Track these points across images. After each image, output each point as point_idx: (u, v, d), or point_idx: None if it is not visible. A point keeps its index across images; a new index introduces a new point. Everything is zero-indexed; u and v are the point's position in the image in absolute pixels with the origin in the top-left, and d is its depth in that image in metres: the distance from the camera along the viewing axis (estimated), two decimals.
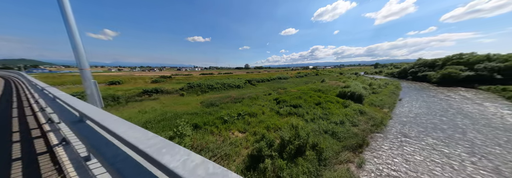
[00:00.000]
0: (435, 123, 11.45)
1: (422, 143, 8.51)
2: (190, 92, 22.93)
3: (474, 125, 10.88)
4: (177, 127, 6.35)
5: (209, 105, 14.76)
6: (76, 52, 2.23)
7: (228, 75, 46.55)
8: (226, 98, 17.26)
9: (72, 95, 2.96)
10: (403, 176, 6.07)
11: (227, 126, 9.47)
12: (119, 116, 1.56)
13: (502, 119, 12.09)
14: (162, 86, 23.79)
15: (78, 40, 2.23)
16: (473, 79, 30.23)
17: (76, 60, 2.26)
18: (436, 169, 6.35)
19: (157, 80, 31.63)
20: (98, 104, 2.48)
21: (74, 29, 2.22)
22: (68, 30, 2.17)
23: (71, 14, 2.18)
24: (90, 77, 2.42)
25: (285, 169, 5.40)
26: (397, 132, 10.01)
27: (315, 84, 26.78)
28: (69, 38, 2.19)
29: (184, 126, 6.51)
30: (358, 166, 6.44)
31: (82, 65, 2.31)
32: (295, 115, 11.23)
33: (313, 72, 62.63)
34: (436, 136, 9.30)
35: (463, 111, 14.40)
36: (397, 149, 7.96)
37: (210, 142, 7.71)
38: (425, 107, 15.92)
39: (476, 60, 34.73)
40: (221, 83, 26.23)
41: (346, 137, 8.31)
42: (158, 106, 15.75)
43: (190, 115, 11.49)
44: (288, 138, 6.50)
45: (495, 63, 30.86)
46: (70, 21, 2.16)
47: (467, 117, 12.61)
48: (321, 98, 15.27)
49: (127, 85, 26.24)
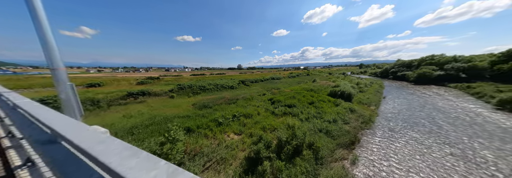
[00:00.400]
0: (415, 118, 12.55)
1: (406, 137, 9.23)
2: (181, 93, 21.89)
3: (447, 119, 12.22)
4: (169, 132, 5.91)
5: (202, 107, 14.21)
6: (47, 50, 1.86)
7: (221, 76, 45.61)
8: (220, 99, 16.81)
9: (41, 100, 2.47)
10: (392, 166, 6.52)
11: (222, 128, 9.16)
12: (100, 122, 1.22)
13: (468, 112, 13.81)
14: (149, 88, 22.34)
15: (49, 37, 1.87)
16: (443, 78, 33.88)
17: (47, 59, 1.88)
18: (416, 157, 7.11)
19: (144, 82, 29.64)
20: (77, 111, 2.09)
21: (44, 25, 1.86)
22: (37, 26, 1.81)
23: (41, 8, 1.83)
24: (66, 79, 2.01)
25: (284, 170, 5.34)
26: (384, 127, 10.69)
27: (307, 84, 27.54)
28: (38, 35, 1.82)
29: (176, 130, 6.08)
30: (352, 163, 6.67)
31: (55, 65, 1.93)
32: (290, 115, 11.33)
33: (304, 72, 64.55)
34: (417, 130, 10.24)
35: (437, 106, 16.03)
36: (385, 143, 8.50)
37: (205, 146, 7.36)
38: (406, 104, 17.34)
39: (445, 61, 39.04)
40: (214, 84, 25.53)
41: (340, 135, 8.59)
42: (145, 109, 14.69)
43: (182, 118, 10.90)
44: (286, 138, 6.47)
45: (460, 64, 34.97)
46: (40, 16, 1.82)
47: (441, 112, 14.16)
48: (313, 97, 15.68)
49: (108, 88, 24.10)
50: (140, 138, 7.84)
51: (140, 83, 28.88)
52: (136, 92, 19.57)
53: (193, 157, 6.60)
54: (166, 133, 5.96)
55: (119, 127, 9.64)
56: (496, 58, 32.97)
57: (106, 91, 20.35)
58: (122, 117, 12.57)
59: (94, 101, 16.26)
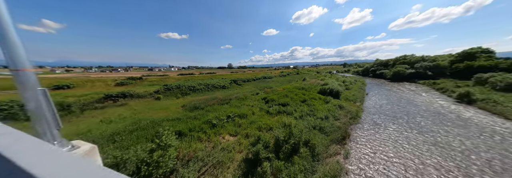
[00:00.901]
0: (394, 111, 13.93)
1: (389, 129, 10.18)
2: (168, 94, 20.48)
3: (419, 111, 13.89)
4: (161, 137, 5.38)
5: (193, 108, 13.47)
6: (7, 46, 1.37)
7: (211, 75, 44.06)
8: (212, 99, 16.17)
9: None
10: (379, 156, 7.13)
11: (216, 130, 8.80)
12: (74, 129, 0.90)
13: (435, 104, 15.96)
14: (131, 89, 20.37)
15: (9, 31, 1.39)
16: (413, 76, 38.22)
17: (7, 58, 1.38)
18: (399, 146, 7.96)
19: (124, 83, 26.93)
20: (52, 124, 1.59)
21: (3, 17, 1.38)
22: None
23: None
24: (35, 83, 1.51)
25: (283, 170, 5.33)
26: (369, 121, 11.57)
27: (298, 83, 28.31)
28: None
29: (168, 135, 5.57)
30: (345, 157, 7.02)
31: (18, 65, 1.43)
32: (285, 113, 11.46)
33: (294, 71, 66.36)
34: (396, 122, 11.44)
35: (410, 100, 18.05)
36: (372, 135, 9.22)
37: (199, 150, 6.96)
38: (385, 99, 19.09)
39: (415, 61, 43.97)
40: (204, 84, 24.48)
41: (332, 131, 8.98)
42: (127, 113, 13.35)
43: (171, 121, 10.16)
44: (283, 137, 6.47)
45: (427, 63, 39.74)
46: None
47: (413, 105, 16.06)
48: (305, 96, 16.15)
49: (80, 90, 21.29)
50: (124, 146, 7.04)
51: (120, 85, 26.16)
52: (115, 94, 17.65)
53: (186, 162, 6.18)
54: (156, 139, 5.42)
55: (97, 133, 8.55)
56: (454, 58, 38.35)
57: (78, 93, 17.93)
58: (99, 122, 11.20)
59: (63, 105, 14.17)
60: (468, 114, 12.70)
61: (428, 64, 39.36)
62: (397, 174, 6.03)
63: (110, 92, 17.98)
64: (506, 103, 13.40)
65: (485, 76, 22.41)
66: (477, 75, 24.00)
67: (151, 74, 47.77)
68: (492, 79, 20.56)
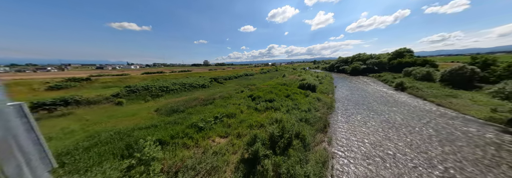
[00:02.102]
0: (357, 99, 17.06)
1: (357, 114, 12.36)
2: (133, 98, 17.05)
3: (372, 97, 17.69)
4: (143, 150, 4.35)
5: (170, 112, 11.77)
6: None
7: (186, 73, 39.58)
8: (192, 100, 14.62)
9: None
10: (355, 138, 8.59)
11: (204, 134, 8.07)
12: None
13: (381, 92, 20.64)
14: (75, 94, 15.68)
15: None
16: (366, 70, 47.11)
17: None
18: (366, 127, 9.93)
19: (61, 86, 20.35)
20: (39, 165, 0.86)
21: None
22: None
23: None
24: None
25: (282, 164, 5.49)
26: (341, 110, 13.56)
27: (279, 79, 29.54)
28: None
29: (150, 145, 4.58)
30: (329, 143, 7.96)
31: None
32: (272, 109, 11.75)
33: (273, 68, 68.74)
34: (360, 108, 14.13)
35: (365, 90, 22.42)
36: (346, 122, 10.92)
37: (187, 158, 6.20)
38: (349, 90, 22.82)
39: (366, 58, 54.00)
40: (179, 84, 21.74)
41: (315, 121, 9.93)
42: (75, 125, 10.31)
43: (145, 129, 8.54)
44: (278, 132, 6.61)
45: (374, 60, 49.57)
46: None
47: (368, 93, 20.31)
48: (288, 91, 17.06)
49: None
50: (81, 168, 5.39)
51: (54, 88, 19.62)
52: (51, 101, 13.18)
53: (174, 174, 5.39)
54: (136, 153, 4.36)
55: None
56: (390, 56, 49.51)
57: None
58: None
59: None
60: (403, 98, 17.01)
61: (375, 61, 49.29)
62: (369, 146, 7.54)
63: (40, 99, 13.24)
64: (423, 89, 18.67)
65: (410, 70, 30.18)
66: (405, 69, 32.01)
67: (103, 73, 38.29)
68: (414, 72, 27.94)
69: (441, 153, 6.96)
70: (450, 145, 7.57)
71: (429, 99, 15.55)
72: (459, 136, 8.34)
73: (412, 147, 7.49)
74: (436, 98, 15.23)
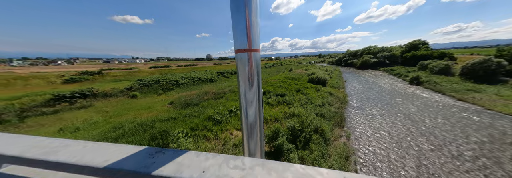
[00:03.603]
0: (370, 94, 16.61)
1: (371, 108, 12.11)
2: (145, 91, 17.41)
3: (386, 91, 17.15)
4: (178, 140, 4.49)
5: (184, 105, 11.98)
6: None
7: (192, 67, 39.60)
8: (204, 94, 14.74)
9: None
10: (372, 132, 8.52)
11: (222, 127, 8.22)
12: None
13: (395, 86, 19.87)
14: (91, 87, 16.16)
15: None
16: (376, 64, 45.08)
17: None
18: (382, 120, 9.80)
19: (75, 79, 21.02)
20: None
21: None
22: None
23: None
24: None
25: (307, 158, 5.56)
26: (355, 104, 13.30)
27: (286, 73, 28.97)
28: None
29: (183, 137, 4.71)
30: (348, 138, 7.93)
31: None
32: (285, 104, 11.67)
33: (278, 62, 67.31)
34: (373, 102, 13.82)
35: (378, 84, 21.70)
36: (361, 116, 10.77)
37: (211, 149, 6.42)
38: (360, 84, 22.17)
39: (377, 51, 51.29)
40: (188, 78, 21.85)
41: (331, 116, 9.83)
42: (97, 117, 10.78)
43: (165, 121, 8.80)
44: (299, 127, 6.60)
45: (386, 53, 47.03)
46: None
47: (379, 86, 19.77)
48: (298, 85, 16.76)
49: (6, 91, 15.50)
50: None
51: (70, 81, 20.31)
52: (71, 93, 13.70)
53: None
54: (171, 143, 4.51)
55: None
56: (404, 48, 46.67)
57: (6, 96, 13.03)
58: (58, 131, 8.68)
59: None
60: (420, 92, 16.40)
61: (386, 54, 46.75)
62: (390, 140, 7.49)
63: (60, 91, 13.79)
64: (442, 83, 17.76)
65: (426, 63, 28.53)
66: (420, 62, 30.28)
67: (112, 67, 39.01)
68: (430, 65, 26.41)
69: (473, 148, 6.77)
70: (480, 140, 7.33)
71: (448, 93, 14.85)
72: (491, 132, 7.96)
73: (436, 141, 7.34)
74: (457, 93, 14.51)
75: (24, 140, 0.74)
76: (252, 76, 0.63)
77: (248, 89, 0.65)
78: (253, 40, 0.60)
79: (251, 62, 0.62)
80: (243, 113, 0.68)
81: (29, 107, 11.97)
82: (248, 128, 0.69)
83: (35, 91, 15.42)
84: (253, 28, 0.60)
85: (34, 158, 0.62)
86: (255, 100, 0.66)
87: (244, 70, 0.62)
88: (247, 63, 0.61)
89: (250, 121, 0.68)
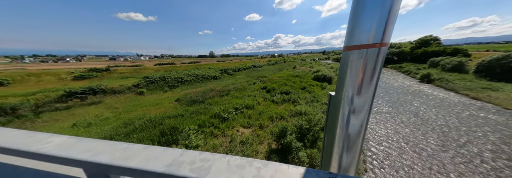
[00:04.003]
0: (378, 92, 16.14)
1: (383, 107, 11.86)
2: (152, 88, 17.73)
3: (393, 89, 16.69)
4: (189, 137, 4.58)
5: (190, 102, 12.14)
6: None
7: (196, 65, 39.78)
8: (209, 91, 14.85)
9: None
10: (381, 128, 8.32)
11: (229, 124, 8.30)
12: None
13: (404, 84, 19.28)
14: (99, 83, 16.60)
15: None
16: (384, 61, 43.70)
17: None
18: (392, 118, 9.62)
19: (85, 76, 21.64)
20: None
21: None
22: None
23: None
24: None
25: (316, 157, 5.55)
26: None
27: (290, 71, 28.58)
28: None
29: (193, 134, 4.79)
30: None
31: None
32: (290, 101, 11.59)
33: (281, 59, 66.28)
34: (383, 100, 13.52)
35: (386, 82, 21.06)
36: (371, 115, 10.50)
37: (218, 146, 6.52)
38: None
39: None
40: (193, 75, 22.00)
41: None
42: (107, 113, 11.14)
43: (173, 118, 8.97)
44: (306, 125, 6.55)
45: (394, 49, 45.21)
46: None
47: (388, 84, 19.19)
48: (303, 83, 16.53)
49: (21, 87, 16.19)
50: None
51: (79, 78, 20.94)
52: (81, 90, 14.14)
53: None
54: (182, 140, 4.60)
55: None
56: (413, 45, 44.63)
57: (20, 91, 13.61)
58: (72, 126, 9.06)
59: (4, 109, 10.65)
60: (430, 90, 15.87)
61: (395, 50, 44.91)
62: (400, 140, 7.31)
63: (71, 88, 14.26)
64: (454, 81, 17.00)
65: (437, 60, 27.27)
66: (431, 59, 28.97)
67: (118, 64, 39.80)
68: (442, 62, 25.23)
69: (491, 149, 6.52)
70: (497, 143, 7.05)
71: (462, 91, 14.23)
72: None
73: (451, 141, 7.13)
74: (471, 91, 13.88)
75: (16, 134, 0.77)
76: (371, 78, 0.51)
77: (357, 93, 0.53)
78: (388, 31, 0.47)
79: (378, 59, 0.49)
80: (341, 120, 0.58)
81: (43, 102, 12.49)
82: (345, 139, 0.58)
83: (47, 87, 16.01)
84: (394, 14, 0.45)
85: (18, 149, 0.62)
86: (365, 107, 0.55)
87: (357, 70, 0.51)
88: (371, 61, 0.49)
89: (352, 131, 0.57)
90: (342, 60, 0.56)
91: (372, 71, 0.51)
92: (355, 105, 0.55)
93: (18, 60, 78.44)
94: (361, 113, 0.55)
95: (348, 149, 0.59)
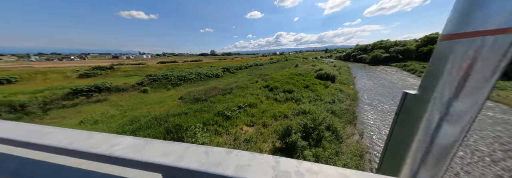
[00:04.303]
0: (381, 90, 16.00)
1: (382, 106, 11.70)
2: (155, 86, 17.89)
3: (397, 87, 16.48)
4: (196, 135, 4.64)
5: (193, 100, 12.22)
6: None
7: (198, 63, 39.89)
8: (211, 90, 14.90)
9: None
10: (385, 130, 8.17)
11: (232, 122, 8.35)
12: None
13: (409, 82, 19.01)
14: (104, 81, 16.82)
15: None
16: (388, 59, 42.81)
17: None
18: None
19: (89, 74, 21.94)
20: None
21: None
22: None
23: None
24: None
25: (321, 156, 5.56)
26: (366, 101, 12.91)
27: (292, 69, 28.37)
28: None
29: (199, 132, 4.85)
30: (361, 135, 7.80)
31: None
32: (293, 100, 11.55)
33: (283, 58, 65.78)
34: (385, 99, 13.21)
35: (390, 80, 20.75)
36: (373, 113, 10.42)
37: (223, 144, 6.58)
38: (371, 80, 21.32)
39: (389, 45, 48.36)
40: (195, 73, 22.07)
41: (342, 113, 9.64)
42: (112, 110, 11.32)
43: (177, 116, 9.07)
44: (311, 124, 6.53)
45: (399, 47, 44.27)
46: None
47: (392, 83, 18.93)
48: (306, 81, 16.41)
49: (29, 85, 16.54)
50: None
51: (84, 76, 21.26)
52: (86, 87, 14.36)
53: None
54: (188, 138, 4.66)
55: None
56: (419, 43, 43.56)
57: (28, 89, 13.91)
58: (79, 123, 9.25)
59: (14, 106, 10.91)
60: None
61: (400, 48, 43.99)
62: None
63: (77, 85, 14.49)
64: None
65: None
66: None
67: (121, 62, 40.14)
68: None
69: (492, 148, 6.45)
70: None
71: None
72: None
73: None
74: None
75: None
76: (489, 76, 0.39)
77: (458, 95, 0.41)
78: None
79: (509, 51, 0.36)
80: (426, 126, 0.47)
81: (51, 100, 12.76)
82: (429, 150, 0.47)
83: (54, 85, 16.32)
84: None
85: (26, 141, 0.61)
86: (469, 114, 0.42)
87: (466, 65, 0.39)
88: (495, 53, 0.36)
89: (441, 142, 0.46)
90: (439, 52, 0.45)
91: (493, 68, 0.38)
92: (453, 109, 0.43)
93: (25, 59, 79.71)
94: (461, 120, 0.43)
95: (437, 161, 0.48)
